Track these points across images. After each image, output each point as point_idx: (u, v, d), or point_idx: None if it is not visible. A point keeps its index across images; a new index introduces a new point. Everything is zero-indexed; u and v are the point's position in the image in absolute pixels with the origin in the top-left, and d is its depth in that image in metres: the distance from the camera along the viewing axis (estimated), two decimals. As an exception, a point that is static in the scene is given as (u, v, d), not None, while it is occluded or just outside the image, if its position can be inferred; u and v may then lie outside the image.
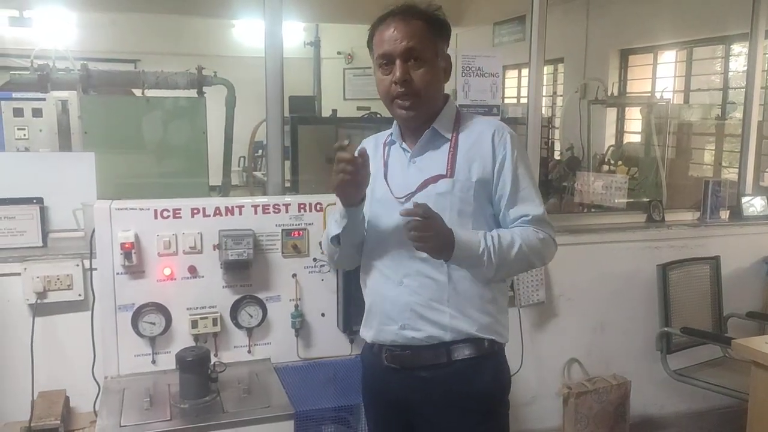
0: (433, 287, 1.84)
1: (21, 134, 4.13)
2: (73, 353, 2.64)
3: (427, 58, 1.82)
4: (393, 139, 1.97)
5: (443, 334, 1.84)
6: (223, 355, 2.58)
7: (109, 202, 2.47)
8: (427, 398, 1.88)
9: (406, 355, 1.89)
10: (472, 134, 1.89)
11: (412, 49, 1.79)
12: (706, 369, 3.36)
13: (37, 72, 3.82)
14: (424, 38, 1.81)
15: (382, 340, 1.93)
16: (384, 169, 1.95)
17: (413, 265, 1.85)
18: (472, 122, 1.93)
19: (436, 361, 1.86)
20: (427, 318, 1.85)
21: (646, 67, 6.69)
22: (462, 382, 1.86)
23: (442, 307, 1.84)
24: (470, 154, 1.86)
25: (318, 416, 2.37)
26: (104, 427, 2.12)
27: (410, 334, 1.86)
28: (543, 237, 1.86)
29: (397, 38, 1.79)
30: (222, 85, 4.05)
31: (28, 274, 2.62)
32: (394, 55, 1.80)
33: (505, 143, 1.86)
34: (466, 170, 1.85)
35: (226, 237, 2.50)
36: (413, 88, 1.81)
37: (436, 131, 1.89)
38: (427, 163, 1.88)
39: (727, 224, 3.86)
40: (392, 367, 1.92)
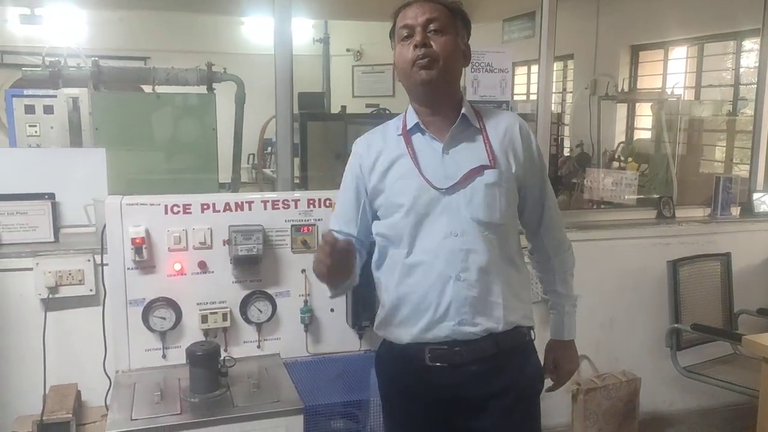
0: (487, 279, 1.83)
1: (32, 131, 4.16)
2: (85, 348, 2.66)
3: (448, 30, 1.83)
4: (417, 128, 1.89)
5: (496, 326, 1.85)
6: (233, 350, 2.59)
7: (119, 198, 2.48)
8: (482, 391, 1.86)
9: (456, 351, 1.84)
10: (500, 126, 1.90)
11: (432, 19, 1.81)
12: (717, 366, 3.34)
13: (49, 69, 3.85)
14: (445, 15, 1.83)
15: (431, 338, 1.85)
16: (415, 163, 1.85)
17: (468, 258, 1.81)
18: (493, 114, 1.95)
19: (486, 354, 1.85)
20: (483, 312, 1.83)
21: (657, 64, 6.66)
22: (511, 371, 1.88)
23: (497, 298, 1.84)
24: (504, 143, 1.88)
25: (327, 411, 2.37)
26: (115, 420, 2.13)
27: (468, 329, 1.83)
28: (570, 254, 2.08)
29: (418, 13, 1.81)
30: (232, 81, 4.06)
31: (40, 269, 2.64)
32: (416, 26, 1.80)
33: (531, 136, 1.93)
34: (506, 160, 1.86)
35: (236, 232, 2.51)
36: (434, 52, 1.80)
37: (467, 119, 1.87)
38: (464, 154, 1.85)
39: (738, 221, 3.85)
40: (437, 366, 1.86)
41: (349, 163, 2.00)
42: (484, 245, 1.82)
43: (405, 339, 1.89)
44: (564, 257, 2.05)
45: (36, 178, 2.85)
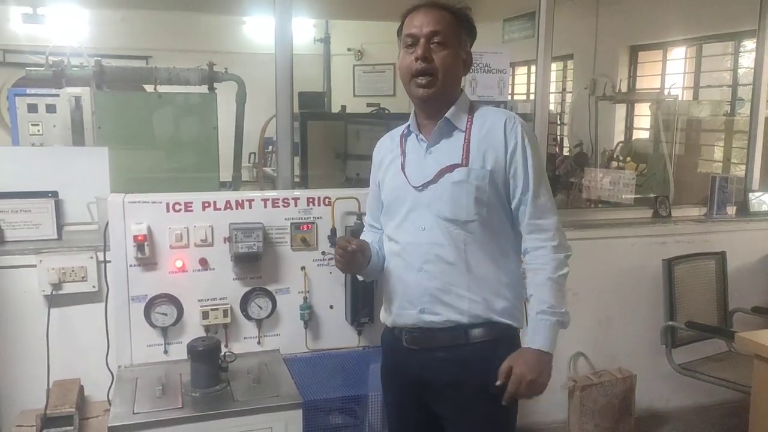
0: (451, 272, 1.91)
1: (35, 130, 4.19)
2: (88, 343, 2.68)
3: (450, 43, 1.90)
4: (410, 130, 2.03)
5: (461, 318, 1.92)
6: (234, 345, 2.63)
7: (122, 196, 2.51)
8: (442, 378, 1.95)
9: (424, 336, 1.97)
10: (485, 124, 1.94)
11: (436, 32, 1.88)
12: (711, 363, 3.37)
13: (52, 68, 3.87)
14: (450, 26, 1.90)
15: (402, 323, 2.01)
16: (402, 159, 2.02)
17: (432, 251, 1.92)
18: (485, 112, 1.98)
19: (454, 342, 1.94)
20: (445, 302, 1.92)
21: (656, 64, 6.69)
22: (477, 363, 1.92)
23: (461, 291, 1.91)
24: (483, 143, 1.92)
25: (326, 406, 2.41)
26: (118, 414, 2.16)
27: (429, 318, 1.94)
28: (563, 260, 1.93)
29: (423, 22, 1.89)
30: (233, 81, 4.09)
31: (43, 266, 2.67)
32: (419, 36, 1.88)
33: (516, 132, 1.92)
34: (480, 159, 1.91)
35: (237, 230, 2.55)
36: (433, 67, 1.88)
37: (449, 121, 1.95)
38: (443, 152, 1.95)
39: (733, 220, 3.88)
40: (411, 349, 1.99)
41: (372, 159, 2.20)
42: (450, 240, 1.91)
43: (388, 323, 2.09)
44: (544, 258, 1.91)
45: (39, 176, 2.88)
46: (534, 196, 1.93)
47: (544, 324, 1.89)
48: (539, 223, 1.93)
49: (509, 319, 1.96)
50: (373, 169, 2.18)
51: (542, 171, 1.97)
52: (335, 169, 4.00)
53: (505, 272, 1.96)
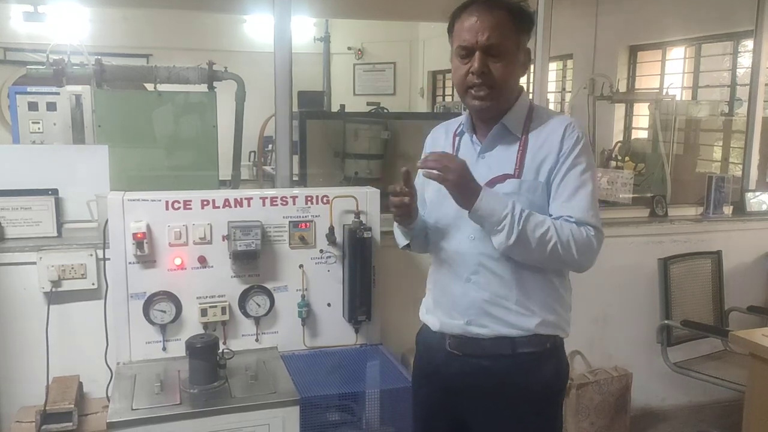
0: (500, 285, 1.84)
1: (35, 128, 4.21)
2: (87, 340, 2.70)
3: (508, 52, 1.78)
4: (464, 129, 1.95)
5: (509, 331, 1.84)
6: (232, 343, 2.64)
7: (121, 194, 2.53)
8: (483, 386, 1.88)
9: (470, 343, 1.89)
10: (543, 132, 1.84)
11: (493, 45, 1.75)
12: (707, 362, 3.39)
13: (53, 66, 3.89)
14: (506, 31, 1.77)
15: (447, 331, 1.93)
16: None
17: (481, 262, 1.85)
18: (545, 118, 1.87)
19: (499, 352, 1.86)
20: (492, 315, 1.85)
21: (655, 64, 6.70)
22: (522, 375, 1.86)
23: (509, 304, 1.84)
24: (540, 153, 1.81)
25: (323, 403, 2.42)
26: (116, 410, 2.19)
27: (476, 330, 1.87)
28: (581, 234, 1.75)
29: (479, 29, 1.75)
30: (232, 80, 4.11)
31: (43, 263, 2.68)
32: (475, 48, 1.76)
33: (573, 139, 1.80)
34: (535, 170, 1.81)
35: (235, 228, 2.56)
36: (490, 81, 1.78)
37: (505, 127, 1.85)
38: (496, 159, 1.85)
39: (730, 219, 3.89)
40: (453, 353, 1.92)
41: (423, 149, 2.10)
42: (499, 252, 1.80)
43: (432, 326, 1.99)
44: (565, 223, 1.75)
45: (40, 174, 2.89)
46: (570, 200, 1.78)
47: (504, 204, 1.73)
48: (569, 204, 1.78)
49: (556, 331, 1.89)
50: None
51: (592, 189, 1.80)
52: (334, 167, 4.02)
53: (555, 285, 1.88)
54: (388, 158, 4.11)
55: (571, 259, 1.78)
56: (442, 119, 2.11)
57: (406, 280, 3.01)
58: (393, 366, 2.69)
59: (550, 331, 1.87)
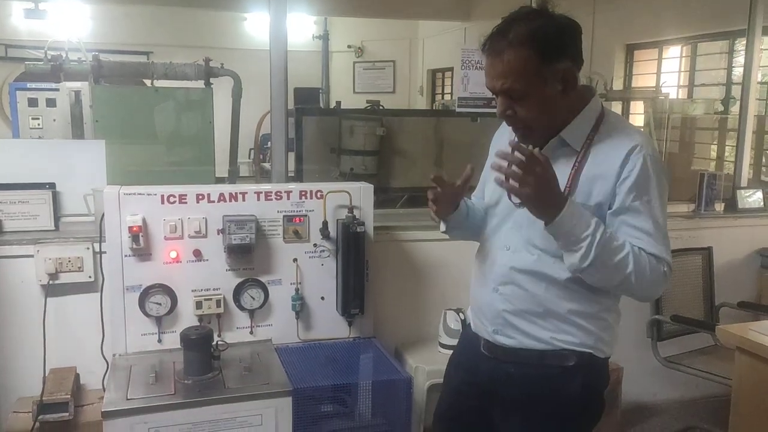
0: (527, 299, 1.78)
1: (35, 123, 4.26)
2: (83, 332, 2.73)
3: (529, 92, 1.63)
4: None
5: (535, 344, 1.79)
6: (226, 335, 2.67)
7: (118, 188, 2.56)
8: (511, 392, 1.84)
9: (501, 348, 1.85)
10: (605, 148, 1.69)
11: (508, 89, 1.64)
12: (697, 356, 3.41)
13: (51, 63, 3.92)
14: (523, 71, 1.61)
15: (480, 334, 1.92)
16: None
17: (511, 275, 1.79)
18: (612, 133, 1.71)
19: (527, 361, 1.81)
20: (518, 328, 1.80)
21: (652, 62, 6.73)
22: (548, 388, 1.80)
23: (536, 319, 1.77)
24: (597, 171, 1.68)
25: (315, 394, 2.46)
26: (111, 400, 2.22)
27: (501, 339, 1.84)
28: (658, 269, 1.66)
29: (494, 76, 1.66)
30: (229, 76, 4.14)
31: (40, 256, 2.71)
32: (494, 91, 1.69)
33: (637, 162, 1.64)
34: (587, 191, 1.69)
35: (230, 222, 2.59)
36: (519, 121, 1.69)
37: (564, 142, 1.72)
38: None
39: (721, 216, 3.92)
40: (486, 355, 1.89)
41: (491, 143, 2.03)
42: (535, 266, 1.75)
43: (472, 326, 1.99)
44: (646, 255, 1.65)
45: (37, 168, 2.92)
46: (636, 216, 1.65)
47: (588, 222, 1.60)
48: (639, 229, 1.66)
49: (589, 349, 1.78)
50: (491, 149, 1.94)
51: (661, 220, 1.69)
52: (330, 163, 4.05)
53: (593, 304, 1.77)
54: (383, 154, 4.14)
55: (640, 290, 1.73)
56: (438, 117, 2.11)
57: (400, 275, 3.06)
58: (385, 359, 2.72)
59: (581, 349, 1.77)
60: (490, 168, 1.71)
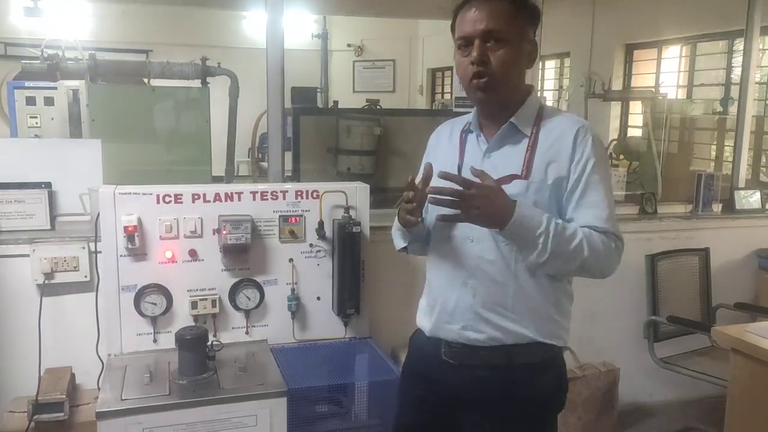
0: (497, 291, 1.78)
1: (33, 122, 4.25)
2: (79, 332, 2.73)
3: (509, 38, 1.72)
4: (471, 128, 1.87)
5: (505, 338, 1.79)
6: (222, 335, 2.67)
7: (113, 187, 2.56)
8: (481, 397, 1.84)
9: (466, 353, 1.84)
10: (554, 132, 1.77)
11: (491, 30, 1.70)
12: (693, 357, 3.41)
13: (47, 61, 3.92)
14: (508, 18, 1.72)
15: (443, 336, 1.88)
16: (459, 160, 1.86)
17: (479, 266, 1.79)
18: (555, 119, 1.81)
19: (496, 362, 1.81)
20: (489, 321, 1.79)
21: (651, 62, 6.73)
22: (521, 386, 1.82)
23: (506, 311, 1.78)
24: (549, 153, 1.75)
25: (310, 395, 2.45)
26: (106, 400, 2.22)
27: (472, 335, 1.82)
28: (609, 245, 1.73)
29: (477, 19, 1.71)
30: (225, 75, 4.14)
31: (36, 256, 2.71)
32: (473, 36, 1.72)
33: (587, 143, 1.74)
34: (543, 171, 1.74)
35: (226, 222, 2.59)
36: (491, 70, 1.72)
37: (514, 126, 1.78)
38: (503, 159, 1.79)
39: (718, 217, 3.93)
40: (450, 363, 1.87)
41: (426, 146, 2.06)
42: (499, 255, 1.77)
43: (426, 330, 1.94)
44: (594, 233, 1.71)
45: (33, 167, 2.91)
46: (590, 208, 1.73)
47: (539, 220, 1.67)
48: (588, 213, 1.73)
49: (554, 340, 1.83)
50: (426, 157, 1.99)
51: (609, 194, 1.76)
52: (327, 163, 4.05)
53: (556, 290, 1.82)
54: (380, 154, 4.14)
55: (598, 270, 1.78)
56: (435, 116, 2.11)
57: (396, 275, 3.06)
58: (381, 359, 2.72)
59: (547, 340, 1.82)
60: (429, 203, 1.73)
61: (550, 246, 1.67)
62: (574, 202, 1.74)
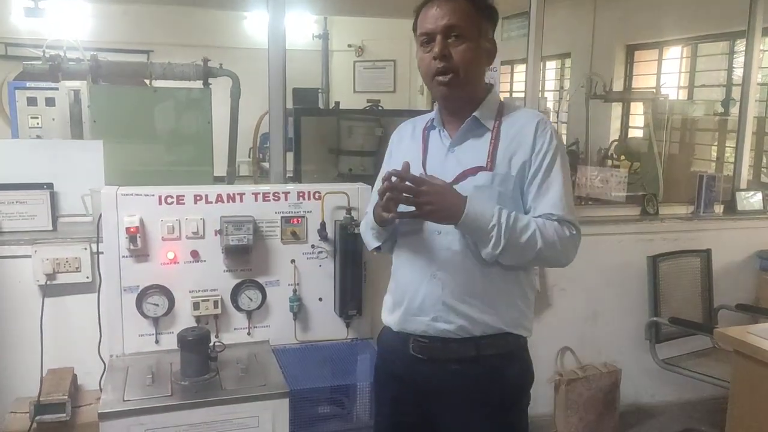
0: (466, 281, 1.82)
1: (34, 122, 4.24)
2: (81, 333, 2.73)
3: (469, 35, 1.78)
4: (434, 124, 1.93)
5: (473, 328, 1.83)
6: (224, 336, 2.67)
7: (115, 188, 2.55)
8: (451, 389, 1.88)
9: (435, 346, 1.87)
10: (515, 125, 1.84)
11: (453, 26, 1.77)
12: (695, 359, 3.41)
13: (49, 62, 3.92)
14: (467, 16, 1.78)
15: (411, 330, 1.90)
16: (423, 156, 1.90)
17: (447, 257, 1.83)
18: (515, 113, 1.88)
19: (465, 355, 1.85)
20: (458, 311, 1.83)
21: (652, 63, 6.73)
22: (490, 377, 1.86)
23: (474, 301, 1.82)
24: (512, 146, 1.82)
25: (312, 396, 2.46)
26: (108, 401, 2.22)
27: (442, 326, 1.85)
28: (564, 233, 1.78)
29: (438, 16, 1.77)
30: (227, 76, 4.14)
31: (38, 257, 2.71)
32: (435, 32, 1.77)
33: (546, 136, 1.82)
34: (507, 163, 1.81)
35: (228, 223, 2.59)
36: (452, 64, 1.77)
37: (477, 120, 1.84)
38: (467, 153, 1.84)
39: (720, 218, 3.92)
40: (418, 357, 1.90)
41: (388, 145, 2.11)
42: (466, 246, 1.81)
43: (393, 327, 1.97)
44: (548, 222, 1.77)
45: (35, 168, 2.92)
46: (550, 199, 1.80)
47: (490, 215, 1.73)
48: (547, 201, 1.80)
49: (520, 330, 1.89)
50: (388, 156, 2.07)
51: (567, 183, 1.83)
52: (328, 164, 4.04)
53: (521, 281, 1.88)
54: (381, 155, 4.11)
55: (555, 258, 1.83)
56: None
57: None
58: (383, 360, 2.72)
59: (514, 330, 1.87)
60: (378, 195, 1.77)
61: (503, 238, 1.73)
62: (534, 191, 1.81)
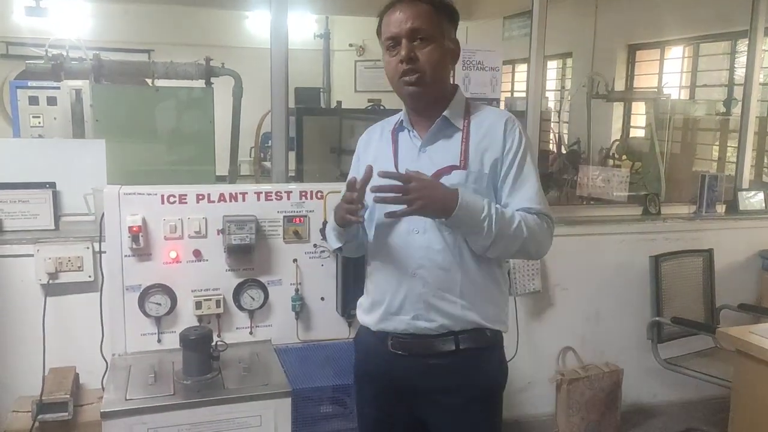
0: (445, 278, 1.85)
1: (36, 122, 4.24)
2: (83, 332, 2.73)
3: (433, 37, 1.81)
4: (403, 126, 1.94)
5: (453, 324, 1.86)
6: (226, 335, 2.67)
7: (118, 188, 2.55)
8: (431, 384, 1.90)
9: (415, 342, 1.89)
10: (484, 124, 1.87)
11: (417, 29, 1.79)
12: (696, 359, 3.41)
13: (51, 61, 3.91)
14: (430, 19, 1.81)
15: (391, 329, 1.92)
16: (394, 158, 1.92)
17: (426, 255, 1.85)
18: (483, 112, 1.92)
19: (444, 349, 1.87)
20: (439, 309, 1.86)
21: (654, 63, 6.72)
22: (469, 371, 1.88)
23: (454, 297, 1.85)
24: (483, 143, 1.85)
25: (315, 395, 2.45)
26: (110, 400, 2.22)
27: (423, 325, 1.87)
28: (543, 225, 1.83)
29: (402, 19, 1.80)
30: (229, 76, 4.13)
31: (40, 256, 2.72)
32: (400, 36, 1.80)
33: (516, 133, 1.86)
34: (479, 161, 1.84)
35: (230, 222, 2.59)
36: (419, 66, 1.80)
37: (447, 120, 1.87)
38: (439, 152, 1.87)
39: (722, 218, 3.93)
40: (397, 354, 1.91)
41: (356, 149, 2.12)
42: (444, 244, 1.84)
43: (371, 326, 1.98)
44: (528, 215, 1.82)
45: (38, 167, 2.92)
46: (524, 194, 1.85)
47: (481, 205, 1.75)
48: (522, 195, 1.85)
49: (498, 325, 1.92)
50: (356, 159, 2.09)
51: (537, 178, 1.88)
52: (330, 163, 4.04)
53: (496, 276, 1.92)
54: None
55: (535, 250, 1.87)
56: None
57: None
58: (385, 360, 2.71)
59: (492, 325, 1.90)
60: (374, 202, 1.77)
61: (494, 229, 1.75)
62: (509, 187, 1.85)
